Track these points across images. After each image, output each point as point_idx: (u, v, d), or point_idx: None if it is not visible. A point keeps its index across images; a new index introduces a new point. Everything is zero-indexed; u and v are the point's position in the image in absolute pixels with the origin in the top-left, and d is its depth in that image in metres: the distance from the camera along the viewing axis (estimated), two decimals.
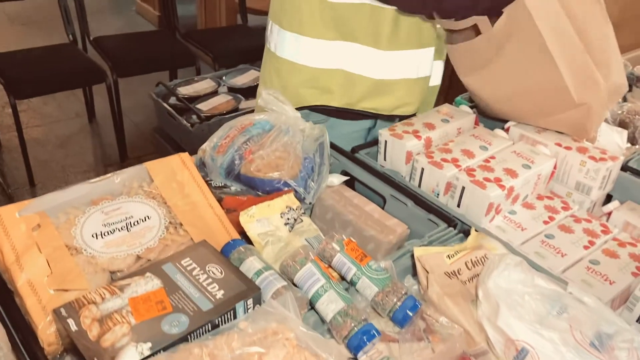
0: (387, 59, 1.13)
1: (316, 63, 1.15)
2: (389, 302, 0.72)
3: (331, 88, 1.16)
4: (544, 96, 1.03)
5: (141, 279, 0.68)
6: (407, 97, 1.20)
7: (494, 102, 1.12)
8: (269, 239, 0.80)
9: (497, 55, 1.00)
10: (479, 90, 1.10)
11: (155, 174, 0.83)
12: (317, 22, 1.10)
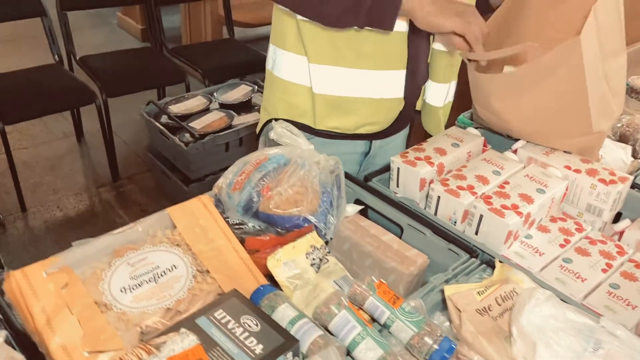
0: (347, 77, 1.12)
1: (287, 76, 1.17)
2: (426, 345, 0.71)
3: (297, 103, 1.18)
4: (566, 121, 1.06)
5: (176, 335, 0.67)
6: (371, 117, 1.19)
7: (516, 123, 1.12)
8: (297, 282, 0.79)
9: (536, 85, 1.01)
10: (506, 114, 1.10)
11: (178, 219, 0.82)
12: (293, 37, 1.12)
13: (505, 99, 1.07)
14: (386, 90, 1.16)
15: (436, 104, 1.27)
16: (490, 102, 1.09)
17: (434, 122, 1.30)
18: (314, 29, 1.08)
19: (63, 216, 2.49)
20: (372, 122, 1.20)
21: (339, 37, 1.08)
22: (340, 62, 1.11)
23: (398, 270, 0.96)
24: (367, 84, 1.14)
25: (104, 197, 2.61)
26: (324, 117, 1.17)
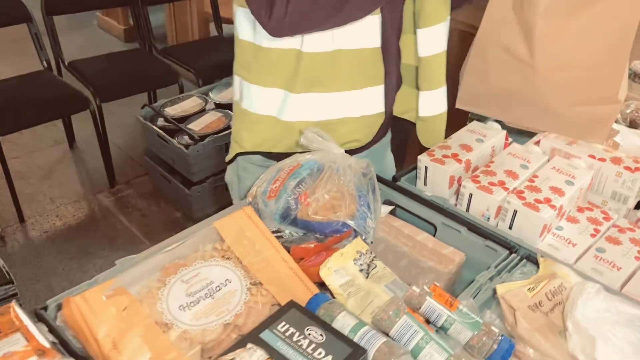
0: (325, 101, 1.10)
1: (254, 108, 1.13)
2: (485, 345, 0.72)
3: (268, 136, 1.14)
4: (595, 78, 0.96)
5: (244, 351, 0.66)
6: (353, 135, 1.16)
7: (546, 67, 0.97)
8: (350, 290, 0.80)
9: (588, 6, 0.91)
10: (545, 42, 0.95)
11: (225, 233, 0.82)
12: (256, 69, 1.10)
13: (550, 17, 0.92)
14: (367, 107, 1.15)
15: (431, 114, 1.21)
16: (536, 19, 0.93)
17: (432, 134, 1.25)
18: (287, 59, 1.05)
19: (63, 225, 2.45)
20: (354, 139, 1.17)
21: (313, 64, 1.05)
22: (317, 88, 1.08)
23: (436, 270, 0.97)
24: (348, 105, 1.12)
25: (103, 204, 2.58)
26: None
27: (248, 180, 1.19)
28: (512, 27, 0.97)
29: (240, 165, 1.22)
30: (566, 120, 1.01)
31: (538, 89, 0.99)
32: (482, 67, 1.04)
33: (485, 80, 1.04)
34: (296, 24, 0.96)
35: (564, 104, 1.00)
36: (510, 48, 0.98)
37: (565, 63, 0.96)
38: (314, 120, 1.11)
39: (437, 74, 1.16)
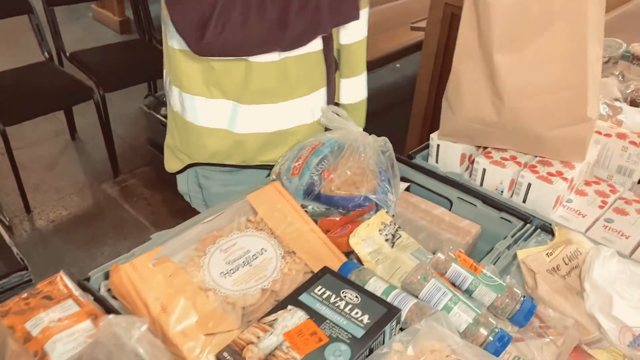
0: (276, 112, 1.07)
1: (201, 121, 1.09)
2: (509, 306, 0.77)
3: (220, 149, 1.10)
4: (562, 101, 0.97)
5: (285, 312, 0.70)
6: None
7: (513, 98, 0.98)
8: (378, 257, 0.84)
9: (540, 34, 0.92)
10: (505, 74, 0.95)
11: (258, 206, 0.86)
12: (198, 80, 1.05)
13: (505, 51, 0.94)
14: (317, 112, 1.13)
15: (352, 101, 1.23)
16: (492, 54, 0.95)
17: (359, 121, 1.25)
18: (234, 70, 1.02)
19: (69, 214, 2.47)
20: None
21: (262, 74, 1.02)
22: (267, 99, 1.05)
23: (454, 241, 1.01)
24: (299, 112, 1.10)
25: (108, 193, 2.60)
26: (257, 154, 1.11)
27: (213, 187, 1.18)
28: (478, 63, 0.99)
29: (200, 174, 1.18)
30: (546, 145, 1.03)
31: (510, 119, 1.00)
32: (459, 102, 1.04)
33: (462, 113, 1.05)
34: (225, 52, 0.95)
35: (539, 132, 1.01)
36: (480, 82, 1.00)
37: (530, 91, 0.97)
38: (267, 131, 1.08)
39: (358, 61, 1.18)
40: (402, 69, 4.04)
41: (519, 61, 0.94)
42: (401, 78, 4.05)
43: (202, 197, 1.24)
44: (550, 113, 0.97)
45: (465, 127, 1.04)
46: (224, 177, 1.16)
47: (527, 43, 0.93)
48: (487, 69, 0.96)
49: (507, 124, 0.99)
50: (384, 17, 3.27)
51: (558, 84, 0.95)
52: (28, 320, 0.68)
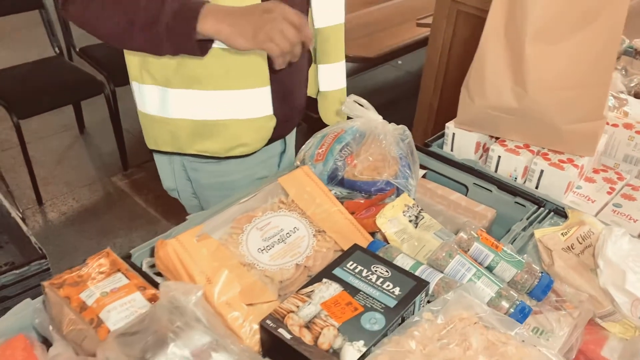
0: (206, 99, 1.06)
1: (141, 107, 1.12)
2: (528, 281, 0.82)
3: (157, 135, 1.13)
4: (583, 97, 1.02)
5: (321, 285, 0.75)
6: (240, 138, 1.11)
7: (536, 89, 1.03)
8: (404, 236, 0.89)
9: (578, 31, 0.96)
10: (534, 65, 0.99)
11: (289, 188, 0.90)
12: (136, 65, 1.06)
13: (537, 43, 0.97)
14: (252, 110, 1.09)
15: (331, 88, 1.24)
16: (524, 43, 0.98)
17: (333, 110, 1.27)
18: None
19: (80, 206, 2.51)
20: (241, 143, 1.11)
21: (193, 60, 1.01)
22: (196, 85, 1.04)
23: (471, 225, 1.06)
24: (230, 105, 1.07)
25: (118, 186, 2.64)
26: (191, 142, 1.11)
27: (203, 178, 1.18)
28: (505, 50, 1.02)
29: (188, 167, 1.18)
30: (559, 137, 1.07)
31: (530, 108, 1.04)
32: (480, 87, 1.08)
33: (482, 100, 1.08)
34: (84, 28, 0.97)
35: (555, 123, 1.05)
36: (504, 69, 1.04)
37: (554, 85, 1.01)
38: (196, 118, 1.08)
39: (336, 47, 1.19)
40: (404, 65, 4.10)
41: (551, 54, 0.98)
42: (403, 75, 4.11)
43: (191, 190, 1.23)
44: (570, 108, 1.02)
45: (483, 114, 1.09)
46: (212, 168, 1.16)
47: (563, 38, 0.96)
48: (513, 57, 1.00)
49: (527, 113, 1.04)
50: (386, 14, 3.31)
51: (583, 81, 0.99)
52: (82, 291, 0.72)
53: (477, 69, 1.07)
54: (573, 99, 1.01)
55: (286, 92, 1.15)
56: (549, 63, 0.98)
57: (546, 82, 1.00)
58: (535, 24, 0.96)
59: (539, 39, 0.97)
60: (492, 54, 1.04)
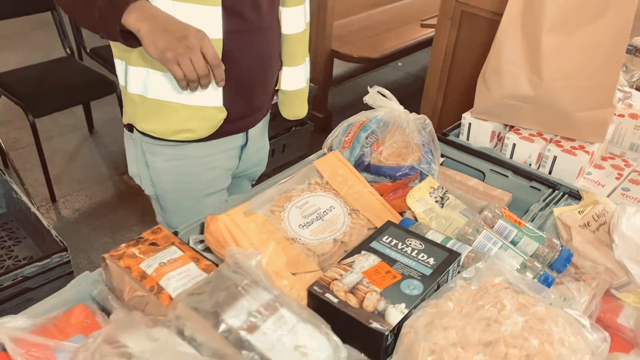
0: (157, 79, 1.09)
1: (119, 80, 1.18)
2: (549, 254, 0.88)
3: (126, 108, 1.17)
4: (595, 86, 1.09)
5: (360, 256, 0.81)
6: (185, 124, 1.13)
7: (552, 77, 1.10)
8: (432, 215, 0.95)
9: (591, 23, 1.03)
10: (550, 55, 1.06)
11: (323, 171, 0.96)
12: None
13: (553, 32, 1.04)
14: (199, 99, 1.11)
15: (292, 88, 1.29)
16: (542, 34, 1.05)
17: (292, 108, 1.33)
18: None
19: (93, 203, 2.56)
20: (187, 128, 1.14)
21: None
22: (151, 65, 1.07)
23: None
24: (179, 89, 1.06)
25: (130, 184, 2.69)
26: (142, 120, 1.14)
27: (158, 162, 1.20)
28: (521, 41, 1.09)
29: (146, 150, 1.20)
30: (571, 124, 1.14)
31: (545, 96, 1.11)
32: (497, 77, 1.15)
33: (499, 90, 1.15)
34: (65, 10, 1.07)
35: (568, 111, 1.12)
36: (520, 59, 1.11)
37: (568, 74, 1.08)
38: (149, 97, 1.11)
39: (298, 51, 1.24)
40: (405, 67, 4.17)
41: (566, 45, 1.05)
42: (404, 76, 4.18)
43: (149, 176, 1.24)
44: (582, 95, 1.09)
45: (499, 103, 1.16)
46: (167, 151, 1.18)
47: (577, 29, 1.04)
48: (530, 48, 1.07)
49: (541, 101, 1.11)
50: (389, 16, 3.38)
51: (594, 70, 1.06)
52: (141, 262, 0.78)
53: (494, 60, 1.14)
54: (585, 87, 1.08)
55: (244, 90, 1.16)
56: (563, 53, 1.05)
57: (561, 71, 1.07)
58: (551, 16, 1.02)
59: (555, 31, 1.03)
60: (509, 46, 1.10)
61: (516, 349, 0.66)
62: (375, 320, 0.71)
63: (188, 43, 0.92)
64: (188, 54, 0.92)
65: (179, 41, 0.92)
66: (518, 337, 0.67)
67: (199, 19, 1.01)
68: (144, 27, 0.93)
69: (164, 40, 0.92)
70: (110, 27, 0.95)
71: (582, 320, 0.72)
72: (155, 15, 0.94)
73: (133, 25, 0.93)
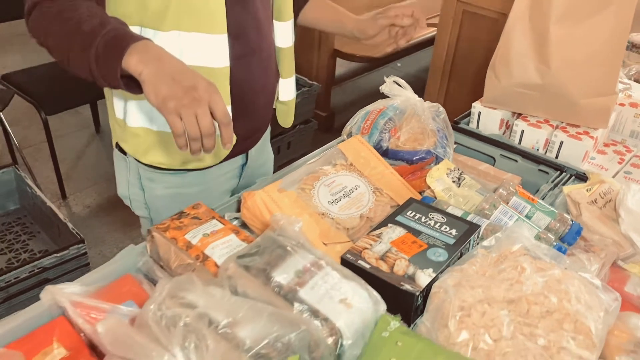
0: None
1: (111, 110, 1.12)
2: (561, 228, 0.95)
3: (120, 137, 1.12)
4: (598, 74, 1.16)
5: (387, 229, 0.87)
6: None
7: (559, 66, 1.16)
8: (450, 193, 1.01)
9: (595, 14, 1.11)
10: (557, 45, 1.12)
11: (347, 153, 1.03)
12: None
13: (560, 22, 1.11)
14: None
15: (288, 98, 1.26)
16: (549, 25, 1.12)
17: (287, 116, 1.29)
18: None
19: (103, 200, 2.61)
20: (198, 157, 1.09)
21: None
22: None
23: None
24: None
25: None
26: (147, 153, 1.09)
27: (158, 189, 1.15)
28: (529, 32, 1.16)
29: (144, 176, 1.15)
30: (577, 111, 1.21)
31: (552, 84, 1.18)
32: (506, 67, 1.22)
33: (508, 79, 1.22)
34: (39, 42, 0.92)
35: (574, 98, 1.18)
36: (528, 49, 1.17)
37: (574, 62, 1.14)
38: (155, 129, 1.06)
39: (291, 63, 1.21)
40: (403, 67, 4.25)
41: (572, 35, 1.12)
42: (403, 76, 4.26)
43: (143, 200, 1.19)
44: (587, 83, 1.16)
45: (508, 92, 1.22)
46: (169, 179, 1.14)
47: (582, 20, 1.11)
48: (538, 38, 1.14)
49: (549, 89, 1.18)
50: None
51: (599, 59, 1.14)
52: (186, 233, 0.84)
53: (503, 51, 1.21)
54: (590, 75, 1.15)
55: (249, 111, 1.14)
56: (570, 43, 1.12)
57: (567, 60, 1.14)
58: (559, 8, 1.10)
59: (562, 21, 1.11)
60: (517, 37, 1.17)
61: (537, 306, 0.73)
62: (406, 283, 0.77)
63: (196, 95, 0.78)
64: (194, 107, 0.78)
65: (185, 91, 0.78)
66: (539, 295, 0.74)
67: (207, 48, 0.99)
68: (146, 71, 0.80)
69: (168, 88, 0.79)
70: (109, 71, 0.82)
71: (595, 282, 0.78)
72: (161, 58, 0.82)
73: (134, 68, 0.80)
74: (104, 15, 0.89)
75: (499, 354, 0.69)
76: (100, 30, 0.83)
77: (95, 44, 0.82)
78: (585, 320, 0.72)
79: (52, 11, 0.88)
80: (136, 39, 0.83)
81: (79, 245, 1.90)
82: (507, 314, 0.72)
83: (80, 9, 0.87)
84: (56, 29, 0.88)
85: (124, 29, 0.86)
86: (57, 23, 0.88)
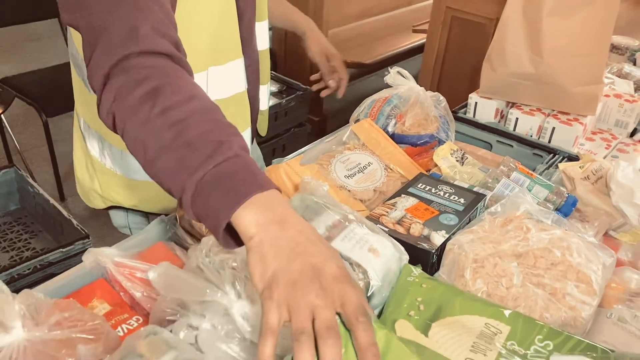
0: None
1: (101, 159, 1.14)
2: (558, 200, 1.03)
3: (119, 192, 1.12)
4: (587, 64, 1.26)
5: (401, 198, 0.95)
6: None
7: (551, 56, 1.24)
8: (455, 170, 1.09)
9: (585, 6, 1.20)
10: (550, 35, 1.20)
11: (359, 133, 1.10)
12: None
13: (555, 15, 1.19)
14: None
15: (266, 107, 1.23)
16: (542, 17, 1.20)
17: (265, 124, 1.27)
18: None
19: None
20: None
21: None
22: None
23: None
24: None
25: None
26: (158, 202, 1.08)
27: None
28: (523, 24, 1.25)
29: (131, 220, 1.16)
30: (567, 98, 1.30)
31: (545, 73, 1.27)
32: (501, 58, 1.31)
33: (503, 69, 1.31)
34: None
35: (565, 86, 1.26)
36: (522, 40, 1.27)
37: (565, 52, 1.23)
38: (133, 178, 1.06)
39: (268, 68, 1.16)
40: None
41: (563, 27, 1.22)
42: None
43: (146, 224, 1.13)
44: (577, 72, 1.26)
45: (504, 82, 1.31)
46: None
47: (572, 13, 1.21)
48: (531, 30, 1.24)
49: (541, 78, 1.27)
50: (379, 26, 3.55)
51: (587, 49, 1.24)
52: None
53: (499, 43, 1.30)
54: (580, 64, 1.24)
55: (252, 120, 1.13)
56: (561, 34, 1.22)
57: (559, 50, 1.23)
58: (551, 1, 1.19)
59: (554, 14, 1.20)
60: (512, 29, 1.26)
61: (543, 259, 0.80)
62: (423, 242, 0.85)
63: (325, 284, 0.55)
64: (314, 301, 0.53)
65: (310, 277, 0.55)
66: (544, 249, 0.81)
67: (230, 78, 0.98)
68: (258, 234, 0.57)
69: (283, 271, 0.55)
70: (208, 214, 0.59)
71: (593, 241, 0.86)
72: (285, 220, 0.58)
73: (246, 229, 0.58)
74: (221, 119, 0.65)
75: (511, 299, 0.76)
76: (217, 150, 0.60)
77: (204, 168, 0.59)
78: (586, 271, 0.79)
79: (147, 88, 0.64)
80: (260, 184, 0.59)
81: (84, 241, 1.93)
82: (516, 266, 0.79)
83: (186, 104, 0.63)
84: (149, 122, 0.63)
85: (246, 160, 0.61)
86: (152, 112, 0.63)
